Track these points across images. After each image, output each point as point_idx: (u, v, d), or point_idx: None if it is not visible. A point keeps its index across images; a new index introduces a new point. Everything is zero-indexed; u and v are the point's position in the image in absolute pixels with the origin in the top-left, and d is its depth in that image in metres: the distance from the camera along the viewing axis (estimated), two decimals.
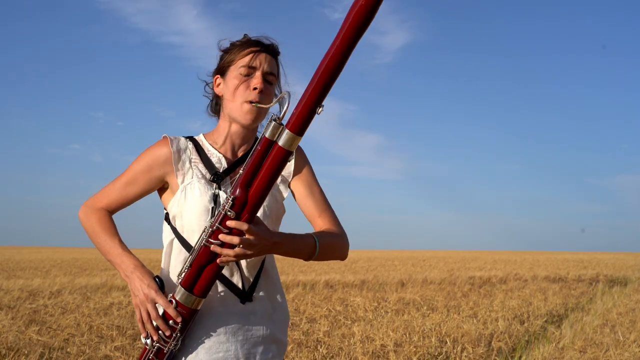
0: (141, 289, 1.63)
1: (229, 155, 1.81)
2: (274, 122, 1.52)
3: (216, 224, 1.54)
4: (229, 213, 1.53)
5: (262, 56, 1.75)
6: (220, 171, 1.76)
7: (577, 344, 6.20)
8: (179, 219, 1.74)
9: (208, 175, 1.76)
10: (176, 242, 1.75)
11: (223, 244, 1.54)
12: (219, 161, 1.79)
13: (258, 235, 1.54)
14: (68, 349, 5.32)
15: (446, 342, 5.96)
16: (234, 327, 1.70)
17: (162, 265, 1.79)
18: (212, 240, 1.55)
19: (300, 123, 1.50)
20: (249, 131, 1.82)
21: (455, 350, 5.69)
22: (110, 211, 1.81)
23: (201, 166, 1.77)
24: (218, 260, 1.57)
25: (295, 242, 1.65)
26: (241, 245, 1.53)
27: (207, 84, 1.89)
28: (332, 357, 5.39)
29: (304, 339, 5.97)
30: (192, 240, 1.72)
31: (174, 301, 1.61)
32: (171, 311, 1.60)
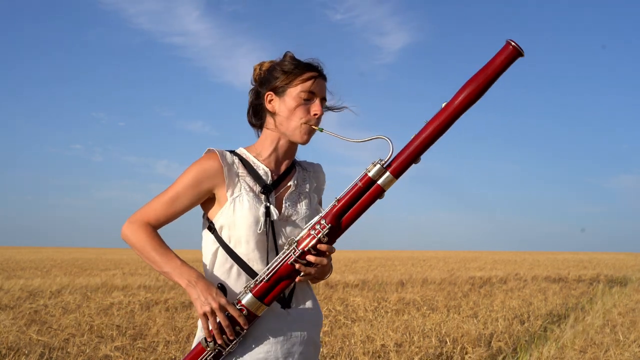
0: (212, 298, 1.69)
1: (272, 167, 1.88)
2: (378, 166, 1.70)
3: (309, 247, 1.71)
4: (323, 239, 1.71)
5: (320, 82, 1.86)
6: (268, 183, 1.84)
7: (578, 344, 6.20)
8: (227, 229, 1.80)
9: (256, 188, 1.83)
10: (221, 251, 1.82)
11: (308, 264, 1.72)
12: (266, 174, 1.86)
13: (331, 256, 1.78)
14: (68, 349, 5.33)
15: (446, 342, 5.96)
16: (275, 330, 1.80)
17: (204, 272, 1.85)
18: (300, 260, 1.71)
19: (402, 169, 1.70)
20: (295, 147, 1.91)
21: (455, 350, 5.70)
22: (157, 226, 1.82)
23: (249, 179, 1.83)
24: (300, 277, 1.73)
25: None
26: (319, 265, 1.74)
27: (255, 95, 1.92)
28: (333, 357, 5.40)
29: None
30: (238, 250, 1.80)
31: (244, 309, 1.71)
32: (242, 320, 1.70)
